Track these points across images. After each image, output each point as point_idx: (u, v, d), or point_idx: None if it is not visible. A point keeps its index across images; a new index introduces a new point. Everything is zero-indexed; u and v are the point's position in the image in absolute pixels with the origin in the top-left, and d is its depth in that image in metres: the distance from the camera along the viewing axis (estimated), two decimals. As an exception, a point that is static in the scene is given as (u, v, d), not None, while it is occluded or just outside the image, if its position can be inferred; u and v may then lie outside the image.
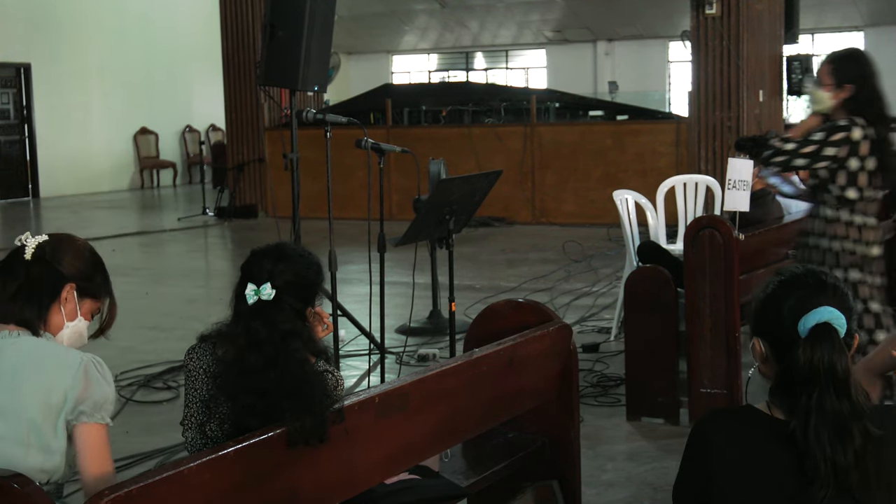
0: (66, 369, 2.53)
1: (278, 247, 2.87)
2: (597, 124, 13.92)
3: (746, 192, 5.18)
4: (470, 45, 26.05)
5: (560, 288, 8.92)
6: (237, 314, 2.75)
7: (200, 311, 7.91)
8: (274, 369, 2.60)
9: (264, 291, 2.71)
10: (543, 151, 13.44)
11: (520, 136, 13.53)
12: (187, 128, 21.42)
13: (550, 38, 24.78)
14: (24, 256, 2.69)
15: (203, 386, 2.78)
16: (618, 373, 6.05)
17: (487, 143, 13.60)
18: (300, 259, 2.82)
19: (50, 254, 2.71)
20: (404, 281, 8.09)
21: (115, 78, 19.52)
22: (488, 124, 14.12)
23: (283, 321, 2.69)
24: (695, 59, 12.21)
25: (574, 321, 7.49)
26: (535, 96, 14.03)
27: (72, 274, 2.73)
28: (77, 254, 2.76)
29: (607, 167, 13.03)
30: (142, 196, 19.20)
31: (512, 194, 13.25)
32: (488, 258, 10.74)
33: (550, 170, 13.42)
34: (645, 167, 12.70)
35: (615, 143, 13.11)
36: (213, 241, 13.49)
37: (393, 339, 7.06)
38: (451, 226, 4.88)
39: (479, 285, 9.08)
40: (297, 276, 2.78)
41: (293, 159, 4.49)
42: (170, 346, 6.79)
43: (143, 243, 12.66)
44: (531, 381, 3.51)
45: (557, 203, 13.39)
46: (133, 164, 20.32)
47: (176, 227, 14.00)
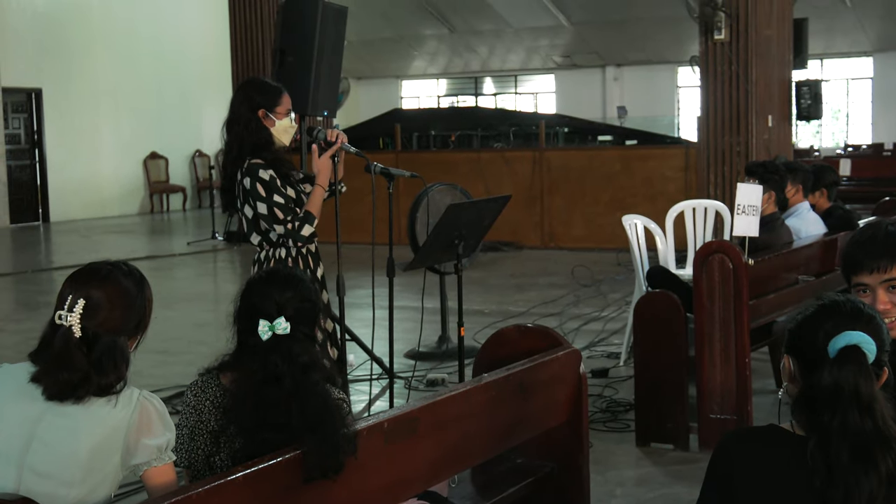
0: (122, 409, 2.51)
1: (275, 274, 2.84)
2: (605, 149, 13.93)
3: (756, 216, 5.17)
4: (479, 70, 26.14)
5: (569, 313, 8.91)
6: (249, 349, 2.71)
7: (209, 335, 7.91)
8: (295, 403, 2.58)
9: (279, 326, 2.68)
10: (552, 176, 13.46)
11: (529, 160, 13.55)
12: (197, 152, 21.50)
13: (559, 64, 24.86)
14: (73, 337, 2.51)
15: (211, 417, 2.74)
16: (627, 398, 6.02)
17: (496, 167, 13.62)
18: (300, 282, 2.81)
19: (102, 321, 2.54)
20: (413, 305, 8.08)
21: (125, 102, 19.62)
22: (497, 149, 14.14)
23: (300, 353, 2.66)
24: (703, 84, 12.22)
25: (583, 346, 7.47)
26: (543, 121, 14.05)
27: (123, 329, 2.59)
28: (120, 308, 2.59)
29: (616, 192, 13.02)
30: (151, 220, 19.25)
31: (521, 219, 13.26)
32: (497, 283, 10.73)
33: (559, 194, 13.42)
34: (654, 192, 12.70)
35: (624, 167, 13.12)
36: (222, 265, 13.51)
37: (402, 364, 7.04)
38: (461, 250, 4.88)
39: (488, 310, 9.07)
40: (304, 301, 2.77)
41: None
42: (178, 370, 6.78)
43: (152, 267, 12.68)
44: (540, 406, 3.50)
45: (566, 227, 13.38)
46: (143, 189, 20.39)
47: (185, 251, 14.03)
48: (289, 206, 4.21)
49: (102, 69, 19.18)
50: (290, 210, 4.21)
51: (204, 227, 16.42)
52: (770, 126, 12.52)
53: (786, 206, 6.24)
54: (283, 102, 4.34)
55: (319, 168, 4.35)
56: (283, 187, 4.23)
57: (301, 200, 4.31)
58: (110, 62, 19.31)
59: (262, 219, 4.23)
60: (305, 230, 4.25)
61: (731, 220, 7.40)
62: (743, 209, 5.13)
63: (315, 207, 4.29)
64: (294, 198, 4.28)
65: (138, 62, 19.77)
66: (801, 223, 6.28)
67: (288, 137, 4.37)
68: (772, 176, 5.99)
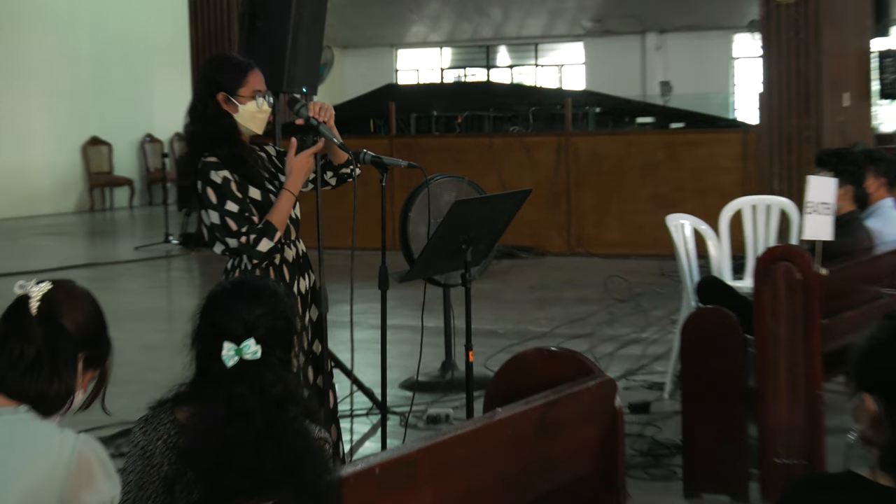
0: (56, 457, 2.50)
1: (241, 286, 2.84)
2: (646, 133, 13.93)
3: (829, 216, 5.17)
4: (491, 38, 26.17)
5: (602, 334, 8.90)
6: (211, 377, 2.70)
7: (161, 360, 7.89)
8: (268, 443, 2.58)
9: (248, 350, 2.67)
10: (581, 166, 13.46)
11: (552, 147, 13.55)
12: (147, 137, 21.54)
13: (589, 30, 24.87)
14: (30, 311, 2.61)
15: (164, 461, 2.74)
16: (673, 439, 6.02)
17: (512, 156, 13.63)
18: (273, 295, 2.80)
19: (59, 311, 2.64)
20: (411, 325, 8.07)
21: (59, 78, 19.66)
22: (513, 133, 14.15)
23: (273, 382, 2.66)
24: (765, 55, 12.22)
25: (619, 375, 7.46)
26: (570, 99, 14.07)
27: (80, 340, 2.66)
28: (84, 312, 2.71)
29: (659, 186, 13.02)
30: (91, 220, 19.27)
31: (542, 219, 13.26)
32: (513, 297, 10.72)
33: (589, 189, 13.42)
34: (705, 186, 12.69)
35: (668, 156, 13.12)
36: (177, 275, 13.53)
37: (397, 397, 7.04)
38: (469, 257, 4.88)
39: (502, 330, 9.07)
40: (278, 319, 2.76)
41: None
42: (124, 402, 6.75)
43: (92, 277, 12.68)
44: (566, 448, 3.50)
45: (598, 230, 13.38)
46: (81, 182, 20.43)
47: (132, 257, 14.04)
48: (244, 214, 4.16)
49: (31, 39, 19.21)
50: (246, 220, 4.16)
51: (155, 228, 16.45)
52: (846, 106, 12.52)
53: (866, 203, 6.24)
54: (250, 82, 4.32)
55: (293, 168, 4.28)
56: (241, 190, 4.21)
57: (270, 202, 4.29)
58: (41, 30, 19.35)
59: (214, 230, 4.23)
60: (263, 244, 4.17)
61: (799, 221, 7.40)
62: (814, 207, 5.13)
63: (279, 217, 4.21)
64: (260, 201, 4.26)
65: (75, 30, 19.83)
66: (885, 224, 6.27)
67: (258, 124, 4.34)
68: (848, 167, 5.98)
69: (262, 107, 4.32)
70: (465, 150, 13.88)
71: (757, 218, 7.62)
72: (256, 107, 4.31)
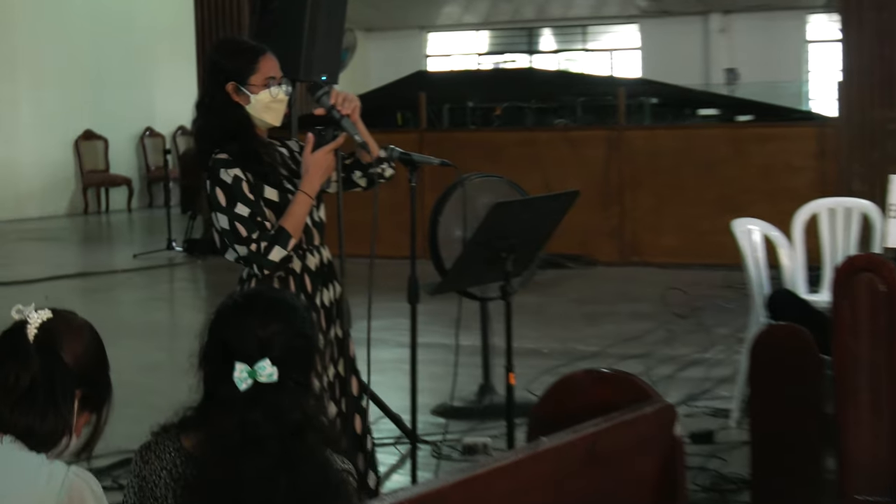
0: (44, 491, 2.52)
1: (255, 299, 2.85)
2: (709, 127, 13.88)
3: (918, 221, 5.14)
4: (534, 19, 26.17)
5: (659, 354, 8.90)
6: (221, 401, 2.72)
7: (164, 381, 7.93)
8: (284, 475, 2.59)
9: (263, 372, 2.67)
10: (635, 164, 13.43)
11: (602, 143, 13.53)
12: (147, 131, 21.64)
13: (645, 10, 24.83)
14: (27, 338, 2.66)
15: (168, 493, 2.74)
16: (740, 472, 6.00)
17: (558, 152, 13.62)
18: (291, 310, 2.81)
19: (58, 342, 2.69)
20: (444, 343, 8.07)
21: (50, 65, 19.76)
22: (559, 127, 14.14)
23: (291, 408, 2.67)
24: (844, 38, 12.17)
25: (679, 400, 7.44)
26: (623, 88, 14.04)
27: (78, 376, 2.71)
28: (84, 345, 2.76)
29: (724, 186, 12.98)
30: (85, 224, 19.37)
31: (592, 223, 13.24)
32: (560, 312, 10.71)
33: (645, 190, 13.40)
34: (776, 187, 12.65)
35: (735, 152, 13.07)
36: (181, 285, 13.58)
37: (428, 424, 7.05)
38: (509, 267, 4.88)
39: (546, 349, 9.08)
40: (297, 337, 2.77)
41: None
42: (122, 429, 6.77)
43: (85, 288, 12.76)
44: (619, 482, 3.49)
45: (654, 235, 13.35)
46: (73, 181, 20.54)
47: (131, 266, 14.10)
48: (255, 219, 4.15)
49: (19, 22, 19.33)
50: (257, 225, 4.15)
51: (156, 233, 16.50)
52: (937, 96, 12.45)
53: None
54: (261, 68, 4.33)
55: (309, 166, 4.27)
56: (254, 191, 4.20)
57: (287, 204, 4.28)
58: (30, 13, 19.44)
59: (224, 235, 4.23)
60: (274, 253, 4.16)
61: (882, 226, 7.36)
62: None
63: (293, 222, 4.21)
64: (277, 202, 4.26)
65: (68, 9, 19.91)
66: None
67: (273, 115, 4.35)
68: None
69: (276, 96, 4.32)
70: (504, 146, 13.87)
71: (835, 223, 7.58)
72: (270, 96, 4.30)
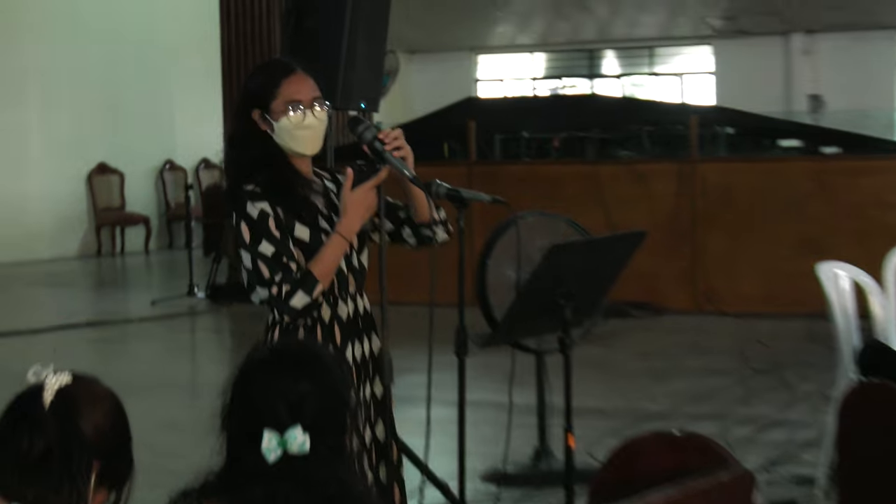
0: None
1: (282, 355, 2.84)
2: (791, 160, 13.84)
3: None
4: (596, 40, 26.21)
5: (736, 414, 8.86)
6: (247, 470, 2.72)
7: (184, 443, 7.94)
8: None
9: (294, 441, 2.67)
10: (709, 201, 13.40)
11: (673, 177, 13.51)
12: (167, 164, 21.75)
13: (719, 29, 24.82)
14: (42, 404, 2.69)
15: None
16: (827, 547, 5.96)
17: (623, 187, 13.60)
18: (322, 366, 2.81)
19: (77, 409, 2.72)
20: (495, 401, 8.05)
21: (60, 89, 19.89)
22: (624, 160, 14.13)
23: (324, 479, 2.67)
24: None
25: (759, 466, 7.39)
26: (695, 117, 14.02)
27: (97, 448, 2.73)
28: (105, 415, 2.79)
29: (808, 226, 12.93)
30: (98, 267, 19.47)
31: (661, 267, 13.21)
32: (624, 366, 10.69)
33: (720, 229, 13.35)
34: (867, 227, 12.59)
35: (820, 188, 13.03)
36: (203, 336, 13.62)
37: (478, 492, 7.04)
38: (568, 316, 4.87)
39: (610, 409, 9.06)
40: (331, 397, 2.76)
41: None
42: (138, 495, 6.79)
43: (98, 339, 12.81)
44: (693, 558, 3.47)
45: (731, 281, 13.30)
46: (86, 219, 20.66)
47: (148, 314, 14.16)
48: (280, 259, 4.13)
49: (29, 43, 19.47)
50: (281, 266, 4.13)
51: (177, 277, 16.58)
52: None
53: None
54: (283, 91, 4.30)
55: (348, 205, 4.25)
56: (282, 227, 4.20)
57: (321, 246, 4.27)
58: (42, 33, 19.59)
59: (248, 275, 4.23)
60: (297, 299, 4.14)
61: None
62: None
63: (323, 266, 4.19)
64: (308, 243, 4.26)
65: (81, 32, 20.04)
66: None
67: (303, 143, 4.31)
68: None
69: (301, 121, 4.28)
70: (562, 181, 13.87)
71: (935, 267, 7.53)
72: (292, 121, 4.26)
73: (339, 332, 4.32)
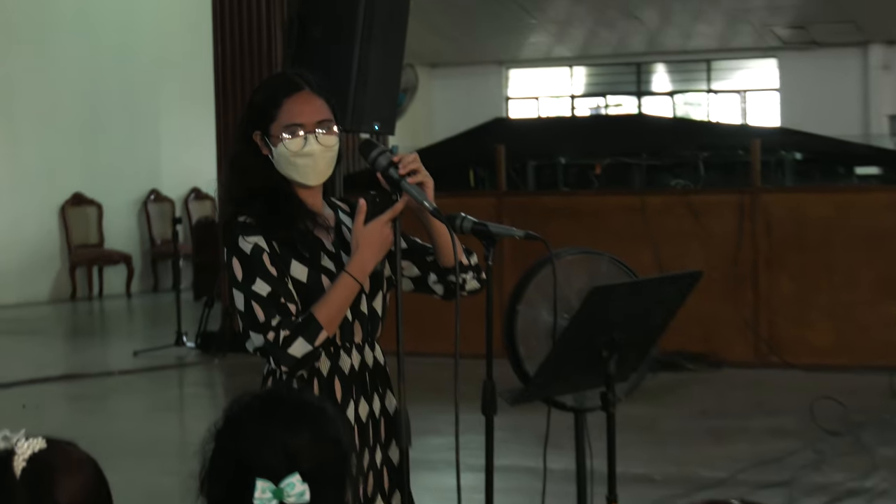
0: None
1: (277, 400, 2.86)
2: (869, 190, 13.84)
3: None
4: (644, 52, 26.24)
5: (806, 482, 8.83)
6: None
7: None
8: None
9: (292, 491, 2.69)
10: (774, 238, 13.38)
11: (732, 209, 13.50)
12: (152, 194, 21.79)
13: (786, 40, 24.84)
14: (13, 472, 2.71)
15: None
16: None
17: (675, 221, 13.60)
18: (321, 413, 2.84)
19: (51, 478, 2.73)
20: (528, 466, 8.07)
21: (31, 111, 19.95)
22: (676, 189, 14.13)
23: None
24: None
25: (832, 541, 7.40)
26: (758, 140, 14.03)
27: None
28: (83, 484, 2.80)
29: (889, 266, 12.92)
30: (73, 312, 19.49)
31: (718, 313, 13.20)
32: (677, 427, 10.68)
33: (787, 270, 13.34)
34: (957, 266, 12.60)
35: (903, 223, 13.03)
36: (193, 391, 13.62)
37: (508, 570, 7.02)
38: (613, 369, 4.88)
39: (660, 476, 9.05)
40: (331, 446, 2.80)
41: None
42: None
43: (73, 395, 12.83)
44: None
45: (799, 328, 13.28)
46: (58, 258, 20.69)
47: (130, 367, 14.16)
48: (277, 300, 4.12)
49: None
50: (277, 308, 4.12)
51: (162, 324, 16.59)
52: None
53: None
54: (283, 113, 4.28)
55: (360, 242, 4.23)
56: (278, 264, 4.18)
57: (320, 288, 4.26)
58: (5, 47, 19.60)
59: (240, 318, 4.23)
60: (297, 346, 4.10)
61: None
62: None
63: (328, 310, 4.16)
64: (306, 284, 4.25)
65: (55, 44, 20.11)
66: None
67: (304, 172, 4.29)
68: None
69: (303, 147, 4.27)
70: (605, 214, 13.88)
71: None
72: (289, 148, 4.24)
73: (340, 387, 4.27)
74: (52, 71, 20.13)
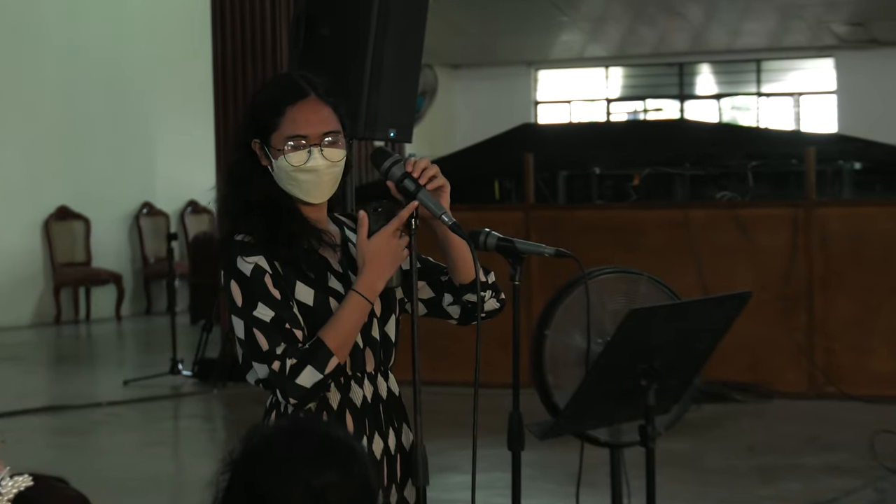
0: None
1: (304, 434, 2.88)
2: (937, 203, 13.81)
3: None
4: (688, 52, 26.24)
5: (866, 525, 8.83)
6: None
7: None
8: None
9: None
10: (830, 255, 13.37)
11: (785, 224, 13.49)
12: (145, 208, 21.82)
13: (844, 38, 24.82)
14: None
15: None
16: None
17: (721, 237, 13.60)
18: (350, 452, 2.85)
19: None
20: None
21: (11, 119, 19.97)
22: (722, 202, 14.12)
23: None
24: None
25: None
26: (813, 149, 14.02)
27: None
28: None
29: (959, 287, 12.92)
30: (57, 337, 19.52)
31: (769, 338, 13.19)
32: (722, 464, 10.67)
33: (844, 291, 13.32)
34: None
35: (974, 239, 13.02)
36: (189, 424, 13.63)
37: None
38: (652, 400, 4.88)
39: (704, 516, 9.03)
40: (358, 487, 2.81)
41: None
42: None
43: (58, 429, 12.85)
44: None
45: (859, 356, 13.26)
46: (42, 277, 20.72)
47: (121, 397, 14.17)
48: (282, 326, 4.10)
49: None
50: (282, 335, 4.09)
51: (156, 350, 16.61)
52: None
53: None
54: (284, 122, 4.27)
55: (367, 257, 4.19)
56: (280, 286, 4.16)
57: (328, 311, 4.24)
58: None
59: (240, 346, 4.21)
60: (305, 376, 4.07)
61: None
62: None
63: (338, 334, 4.13)
64: (312, 307, 4.22)
65: (38, 47, 20.14)
66: None
67: (305, 188, 4.27)
68: None
69: (305, 162, 4.23)
70: (644, 229, 13.88)
71: None
72: (290, 161, 4.23)
73: (352, 421, 4.24)
74: (38, 75, 20.19)
